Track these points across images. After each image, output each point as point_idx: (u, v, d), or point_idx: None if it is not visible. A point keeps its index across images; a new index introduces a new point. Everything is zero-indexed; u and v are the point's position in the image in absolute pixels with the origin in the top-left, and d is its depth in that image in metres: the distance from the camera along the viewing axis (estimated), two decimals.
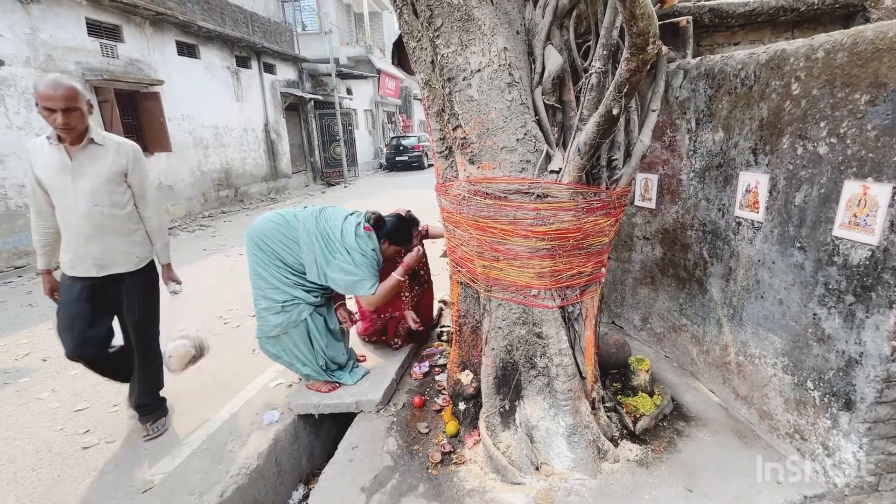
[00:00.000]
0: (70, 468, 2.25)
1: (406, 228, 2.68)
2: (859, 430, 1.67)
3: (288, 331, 2.47)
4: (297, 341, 2.50)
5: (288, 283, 2.43)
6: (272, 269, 2.42)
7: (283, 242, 2.42)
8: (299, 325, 2.47)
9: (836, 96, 1.63)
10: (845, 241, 1.64)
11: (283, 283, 2.42)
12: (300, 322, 2.47)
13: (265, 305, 2.45)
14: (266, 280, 2.43)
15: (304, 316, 2.47)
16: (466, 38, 1.77)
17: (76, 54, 7.64)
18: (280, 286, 2.42)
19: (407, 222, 2.70)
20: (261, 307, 2.47)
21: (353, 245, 2.42)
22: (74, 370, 3.30)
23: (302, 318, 2.46)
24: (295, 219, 2.47)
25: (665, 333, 2.83)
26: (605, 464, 1.98)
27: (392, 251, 2.64)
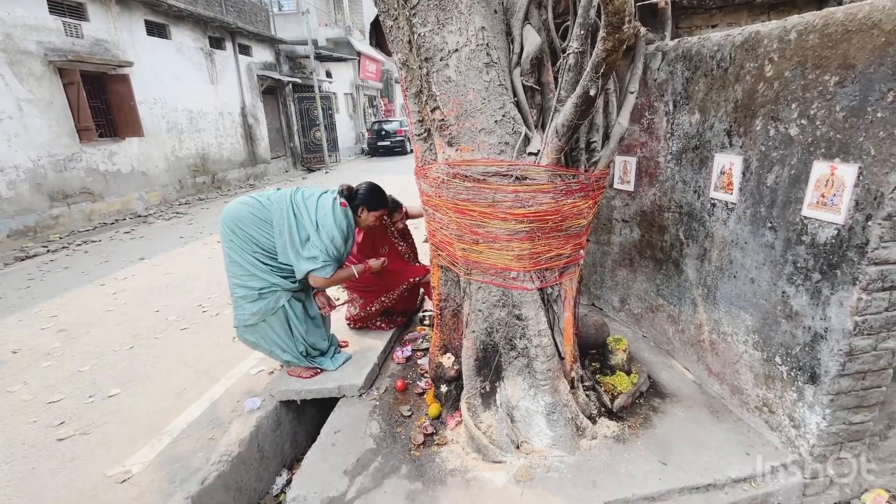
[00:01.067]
0: (44, 460, 2.21)
1: (379, 190, 2.61)
2: (823, 401, 1.75)
3: (266, 318, 2.44)
4: (276, 328, 2.47)
5: (264, 269, 2.38)
6: (247, 256, 2.37)
7: (257, 226, 2.36)
8: (277, 311, 2.44)
9: (807, 78, 1.65)
10: (813, 221, 1.69)
11: (259, 270, 2.38)
12: (278, 309, 2.44)
13: (242, 294, 2.41)
14: (242, 267, 2.38)
15: (282, 303, 2.44)
16: (443, 16, 1.73)
17: (37, 33, 7.25)
18: (256, 273, 2.38)
19: (377, 186, 2.63)
20: (237, 295, 2.43)
21: (327, 222, 2.37)
22: (47, 362, 3.22)
23: (280, 305, 2.43)
24: (269, 201, 2.41)
25: (643, 314, 2.89)
26: (583, 441, 2.04)
27: (373, 219, 2.60)
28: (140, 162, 9.26)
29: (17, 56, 6.95)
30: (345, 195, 2.48)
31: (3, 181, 6.71)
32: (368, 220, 2.58)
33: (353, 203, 2.50)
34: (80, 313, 4.10)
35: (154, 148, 9.63)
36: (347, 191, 2.50)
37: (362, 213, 2.53)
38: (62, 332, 3.70)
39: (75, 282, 5.00)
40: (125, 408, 2.62)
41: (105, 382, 2.91)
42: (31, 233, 7.01)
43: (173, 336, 3.54)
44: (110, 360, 3.19)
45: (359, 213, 2.52)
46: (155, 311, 4.06)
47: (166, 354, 3.25)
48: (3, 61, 6.77)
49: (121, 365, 3.12)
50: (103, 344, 3.45)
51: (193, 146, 10.90)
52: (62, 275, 5.33)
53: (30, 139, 7.10)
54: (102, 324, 3.84)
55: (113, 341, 3.49)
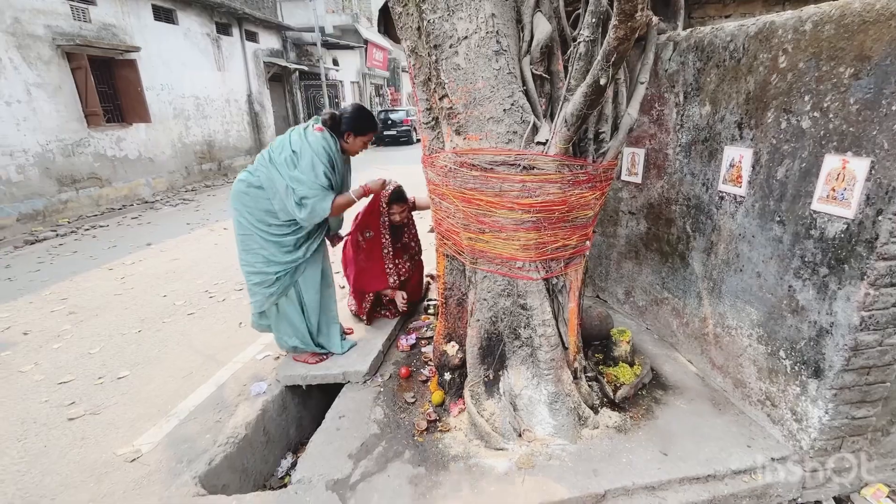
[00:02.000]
0: (56, 438, 2.26)
1: (365, 112, 2.43)
2: (826, 396, 1.75)
3: (279, 302, 2.48)
4: (289, 312, 2.51)
5: (275, 245, 2.37)
6: (258, 237, 2.36)
7: (253, 196, 2.34)
8: (290, 293, 2.48)
9: (821, 69, 1.63)
10: (822, 215, 1.68)
11: (270, 249, 2.38)
12: (290, 287, 2.47)
13: (258, 280, 2.43)
14: (256, 254, 2.40)
15: (297, 277, 2.47)
16: (453, 3, 1.72)
17: (45, 17, 7.24)
18: (269, 256, 2.39)
19: (363, 107, 2.46)
20: (253, 283, 2.46)
21: (305, 153, 2.23)
22: (57, 343, 3.27)
23: (294, 280, 2.47)
24: (254, 166, 2.37)
25: (647, 306, 2.89)
26: (585, 430, 2.05)
27: (361, 144, 2.43)
28: (147, 148, 9.29)
29: (25, 40, 6.95)
30: (328, 124, 2.34)
31: (12, 165, 6.76)
32: (356, 145, 2.41)
33: (338, 130, 2.35)
34: (90, 297, 4.15)
35: (161, 134, 9.65)
36: (330, 118, 2.35)
37: (349, 139, 2.37)
38: (72, 315, 3.75)
39: (84, 266, 5.06)
40: (134, 389, 2.67)
41: (114, 364, 2.95)
42: (40, 217, 7.08)
43: (180, 321, 3.59)
44: (119, 343, 3.24)
45: (345, 138, 2.36)
46: (162, 295, 4.11)
47: (174, 338, 3.29)
48: (12, 45, 6.78)
49: (129, 348, 3.17)
50: (112, 327, 3.50)
51: (200, 133, 10.91)
52: (71, 259, 5.39)
53: (38, 123, 7.13)
54: (111, 307, 3.89)
55: (121, 325, 3.54)
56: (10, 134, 6.73)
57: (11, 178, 6.73)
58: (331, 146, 2.31)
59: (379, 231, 2.93)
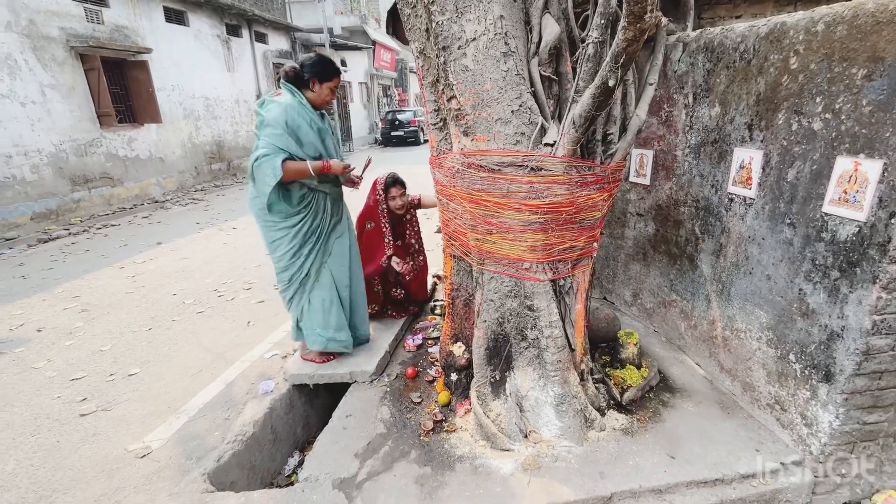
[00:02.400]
0: (68, 434, 2.30)
1: (327, 59, 2.33)
2: (837, 400, 1.73)
3: (312, 293, 2.50)
4: (325, 298, 2.52)
5: (289, 239, 2.38)
6: (273, 231, 2.36)
7: (253, 193, 2.33)
8: (323, 279, 2.50)
9: (833, 71, 1.61)
10: (834, 218, 1.66)
11: (287, 246, 2.38)
12: (320, 272, 2.49)
13: (289, 277, 2.45)
14: (280, 254, 2.40)
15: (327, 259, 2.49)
16: (462, 4, 1.72)
17: (59, 19, 7.36)
18: (289, 251, 2.38)
19: (324, 55, 2.38)
20: (285, 282, 2.48)
21: (271, 113, 2.16)
22: (70, 340, 3.32)
23: (325, 263, 2.49)
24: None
25: (655, 309, 2.88)
26: (591, 432, 2.05)
27: (329, 91, 2.32)
28: (158, 148, 9.40)
29: (40, 42, 7.07)
30: (290, 77, 2.26)
31: (26, 165, 6.87)
32: (323, 93, 2.31)
33: (303, 82, 2.26)
34: (101, 295, 4.21)
35: (171, 134, 9.76)
36: (292, 70, 2.27)
37: (315, 87, 2.28)
38: (84, 313, 3.81)
39: (96, 264, 5.13)
40: (144, 386, 2.70)
41: (125, 362, 3.00)
42: (53, 216, 7.19)
43: (190, 319, 3.63)
44: (130, 341, 3.29)
45: (311, 87, 2.27)
46: (172, 294, 4.16)
47: (183, 337, 3.33)
48: (27, 47, 6.90)
49: (140, 345, 3.21)
50: (123, 325, 3.55)
51: (210, 133, 11.02)
52: (83, 257, 5.47)
53: (52, 124, 7.24)
54: (122, 305, 3.94)
55: (132, 322, 3.59)
56: (25, 134, 6.84)
57: (26, 178, 6.85)
58: (295, 101, 2.23)
59: (378, 220, 2.95)
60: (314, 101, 2.32)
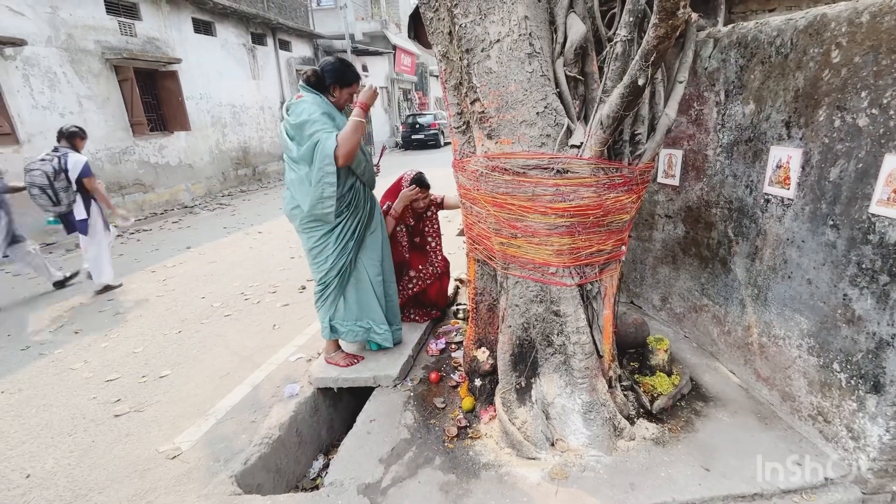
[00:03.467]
0: (103, 434, 2.37)
1: (346, 63, 2.38)
2: (887, 413, 1.63)
3: (346, 289, 2.53)
4: (361, 291, 2.55)
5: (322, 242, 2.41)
6: (308, 236, 2.40)
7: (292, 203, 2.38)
8: (359, 274, 2.53)
9: (880, 63, 1.52)
10: (882, 219, 1.57)
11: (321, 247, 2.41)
12: (354, 267, 2.52)
13: (328, 280, 2.48)
14: (328, 252, 2.41)
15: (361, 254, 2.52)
16: (486, 6, 1.70)
17: (95, 33, 7.69)
18: (340, 249, 2.42)
19: (343, 59, 2.42)
20: (325, 283, 2.51)
21: (293, 110, 2.22)
22: (105, 342, 3.44)
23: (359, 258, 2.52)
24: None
25: (685, 313, 2.78)
26: (620, 441, 1.99)
27: (347, 96, 2.38)
28: (187, 155, 9.70)
29: (77, 55, 7.40)
30: (311, 81, 2.32)
31: None
32: (343, 97, 2.36)
33: (324, 86, 2.32)
34: (134, 298, 4.35)
35: (200, 141, 10.06)
36: (313, 75, 2.32)
37: (335, 93, 2.33)
38: (118, 316, 3.94)
39: (129, 268, 5.32)
40: (174, 388, 2.77)
41: (156, 364, 3.08)
42: None
43: (218, 322, 3.71)
44: (161, 343, 3.38)
45: (332, 92, 2.33)
46: (201, 297, 4.26)
47: (211, 340, 3.40)
48: (66, 60, 7.23)
49: (170, 348, 3.30)
50: (155, 328, 3.66)
51: (236, 139, 11.31)
52: (117, 262, 5.65)
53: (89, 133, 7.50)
54: (154, 308, 4.06)
55: (163, 325, 3.69)
56: None
57: None
58: (320, 101, 2.27)
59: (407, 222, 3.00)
60: (336, 105, 2.37)
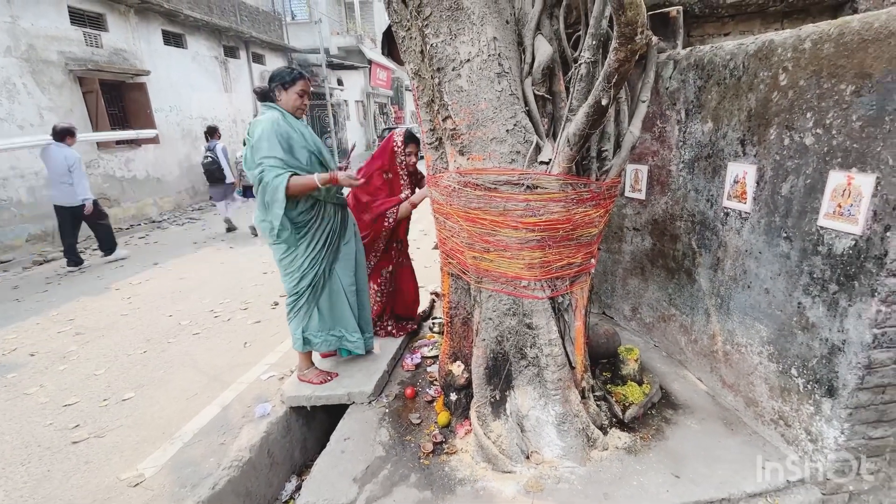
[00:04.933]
0: (59, 462, 2.24)
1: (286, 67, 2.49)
2: (841, 415, 1.71)
3: (320, 300, 2.53)
4: (334, 301, 2.56)
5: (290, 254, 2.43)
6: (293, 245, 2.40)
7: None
8: (334, 285, 2.54)
9: (822, 87, 1.64)
10: (830, 231, 1.67)
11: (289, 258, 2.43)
12: (328, 279, 2.52)
13: (301, 289, 2.48)
14: (298, 263, 2.43)
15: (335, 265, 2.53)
16: (456, 27, 1.75)
17: (59, 43, 7.46)
18: (310, 260, 2.43)
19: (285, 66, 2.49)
20: (294, 297, 2.51)
21: (255, 134, 2.24)
22: (63, 365, 3.27)
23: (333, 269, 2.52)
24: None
25: (654, 323, 2.86)
26: (594, 451, 2.01)
27: (296, 96, 2.35)
28: (155, 168, 9.44)
29: (38, 66, 7.15)
30: (260, 96, 2.41)
31: (23, 187, 6.87)
32: (292, 98, 2.35)
33: (271, 93, 2.36)
34: (96, 317, 4.17)
35: (169, 154, 9.81)
36: (260, 89, 2.43)
37: (282, 95, 2.34)
38: (78, 336, 3.76)
39: (92, 286, 5.10)
40: (138, 411, 2.65)
41: (119, 386, 2.95)
42: (49, 237, 7.16)
43: (186, 341, 3.58)
44: (124, 364, 3.24)
45: (279, 97, 2.35)
46: (168, 315, 4.12)
47: (178, 359, 3.28)
48: (26, 70, 6.97)
49: (134, 369, 3.16)
50: (118, 348, 3.51)
51: None
52: (79, 279, 5.43)
53: None
54: (117, 328, 3.90)
55: (127, 345, 3.54)
56: (22, 156, 6.85)
57: (22, 200, 6.84)
58: (275, 116, 2.29)
59: (397, 172, 2.97)
60: (288, 109, 2.37)
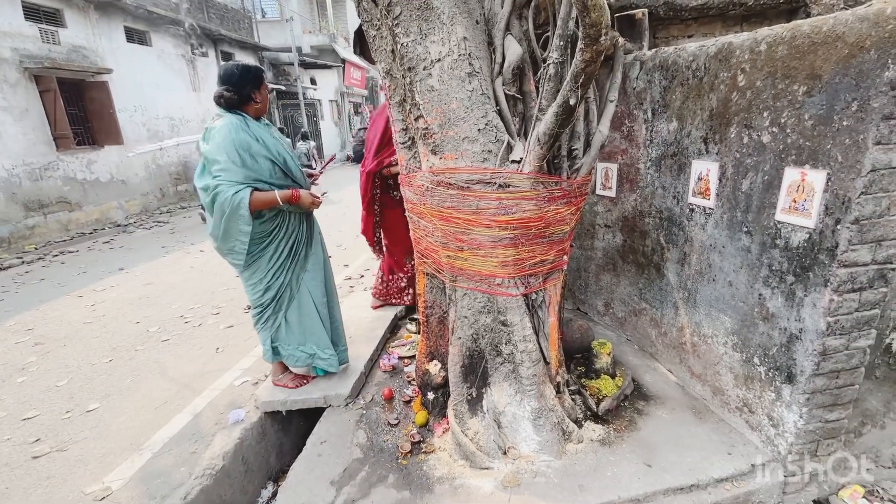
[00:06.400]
0: (19, 479, 2.14)
1: (247, 66, 2.22)
2: (800, 400, 1.80)
3: (289, 312, 2.44)
4: (304, 314, 2.46)
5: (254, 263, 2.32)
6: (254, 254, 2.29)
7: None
8: (302, 297, 2.44)
9: (777, 87, 1.72)
10: (786, 225, 1.75)
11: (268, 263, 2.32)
12: (297, 289, 2.44)
13: (265, 302, 2.38)
14: (260, 275, 2.33)
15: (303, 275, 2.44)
16: (426, 27, 1.75)
17: (12, 40, 7.09)
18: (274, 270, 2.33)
19: (239, 63, 2.23)
20: (260, 310, 2.42)
21: (207, 137, 2.09)
22: (22, 377, 3.12)
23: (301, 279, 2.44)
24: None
25: (626, 317, 2.93)
26: (569, 445, 2.05)
27: (265, 95, 2.26)
28: (119, 170, 9.09)
29: None
30: (224, 103, 2.15)
31: None
32: (265, 98, 2.26)
33: (241, 100, 2.17)
34: (57, 326, 3.98)
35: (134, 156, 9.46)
36: (222, 97, 2.14)
37: (258, 98, 2.21)
38: (38, 346, 3.59)
39: (52, 294, 4.87)
40: (104, 423, 2.55)
41: (83, 397, 2.83)
42: (4, 244, 6.81)
43: (154, 348, 3.47)
44: (88, 374, 3.11)
45: (256, 100, 2.21)
46: (135, 322, 3.98)
47: (147, 367, 3.17)
48: None
49: (99, 379, 3.04)
50: (81, 357, 3.36)
51: (175, 154, 10.73)
52: (38, 287, 5.18)
53: (3, 148, 6.91)
54: (80, 337, 3.74)
55: (91, 354, 3.40)
56: None
57: None
58: (237, 120, 2.13)
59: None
60: (259, 112, 2.27)
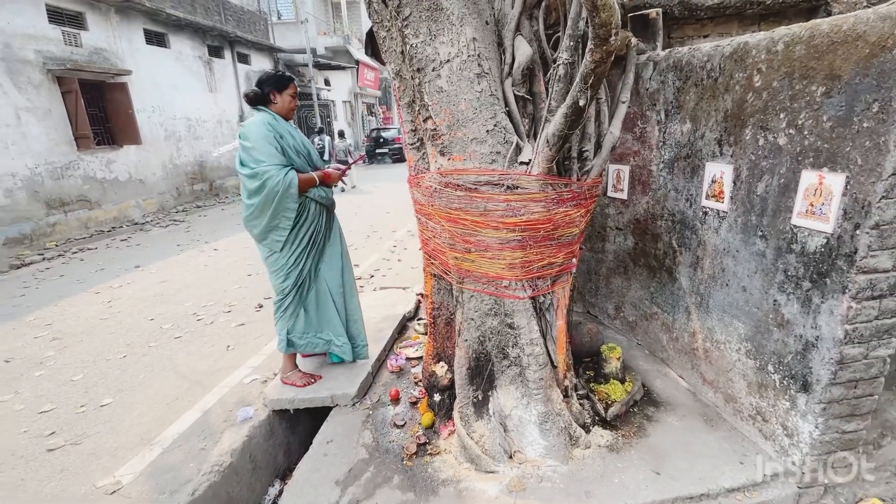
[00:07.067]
0: (34, 471, 2.19)
1: (277, 72, 2.43)
2: (815, 410, 1.74)
3: (307, 302, 2.55)
4: (321, 304, 2.57)
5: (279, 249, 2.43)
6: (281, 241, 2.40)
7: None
8: (320, 286, 2.56)
9: (794, 88, 1.67)
10: (803, 230, 1.70)
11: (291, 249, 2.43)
12: (314, 280, 2.54)
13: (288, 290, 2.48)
14: (284, 261, 2.44)
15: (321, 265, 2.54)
16: (435, 27, 1.75)
17: (36, 42, 7.29)
18: (296, 258, 2.44)
19: (274, 70, 2.41)
20: (283, 298, 2.51)
21: (243, 133, 2.26)
22: (39, 371, 3.20)
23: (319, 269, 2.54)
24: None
25: (637, 321, 2.89)
26: (576, 450, 2.02)
27: (289, 98, 2.40)
28: (138, 169, 9.27)
29: (15, 65, 6.98)
30: (253, 100, 2.35)
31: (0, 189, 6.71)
32: (286, 101, 2.39)
33: (263, 97, 2.35)
34: (75, 322, 4.08)
35: (152, 155, 9.65)
36: (252, 94, 2.35)
37: (276, 99, 2.36)
38: (56, 341, 3.68)
39: (70, 290, 4.99)
40: (116, 417, 2.60)
41: (97, 391, 2.89)
42: (26, 241, 6.99)
43: (167, 345, 3.52)
44: (103, 369, 3.17)
45: (273, 100, 2.35)
46: (149, 319, 4.05)
47: (159, 363, 3.23)
48: (2, 70, 6.80)
49: (113, 374, 3.10)
50: (96, 353, 3.43)
51: (191, 154, 10.92)
52: (57, 283, 5.31)
53: (27, 147, 7.10)
54: (96, 332, 3.82)
55: (106, 350, 3.47)
56: None
57: None
58: (267, 120, 2.30)
59: None
60: (281, 112, 2.40)
